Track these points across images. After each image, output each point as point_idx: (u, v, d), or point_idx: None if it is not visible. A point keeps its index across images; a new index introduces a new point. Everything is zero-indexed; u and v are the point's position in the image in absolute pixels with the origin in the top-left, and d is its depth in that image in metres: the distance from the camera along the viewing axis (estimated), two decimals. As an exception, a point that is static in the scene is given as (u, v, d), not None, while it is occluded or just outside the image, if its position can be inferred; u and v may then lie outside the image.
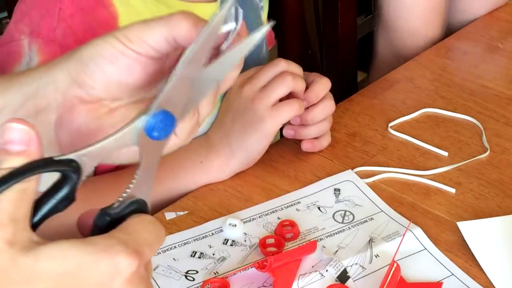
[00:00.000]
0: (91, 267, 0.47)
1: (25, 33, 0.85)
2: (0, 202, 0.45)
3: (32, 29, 0.84)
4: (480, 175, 0.93)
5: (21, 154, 0.47)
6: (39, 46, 0.84)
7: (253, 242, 0.83)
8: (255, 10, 1.04)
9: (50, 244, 0.46)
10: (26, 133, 0.47)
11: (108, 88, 0.57)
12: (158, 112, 0.53)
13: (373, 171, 0.94)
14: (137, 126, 0.53)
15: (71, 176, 0.49)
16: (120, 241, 0.48)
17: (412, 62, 1.18)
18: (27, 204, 0.47)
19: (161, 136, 0.54)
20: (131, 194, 0.52)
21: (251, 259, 0.81)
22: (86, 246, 0.47)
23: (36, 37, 0.84)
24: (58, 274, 0.46)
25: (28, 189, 0.47)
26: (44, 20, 0.84)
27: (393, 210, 0.87)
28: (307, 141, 0.95)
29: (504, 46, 1.21)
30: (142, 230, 0.50)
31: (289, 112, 0.89)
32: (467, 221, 0.85)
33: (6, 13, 1.32)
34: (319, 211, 0.87)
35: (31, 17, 0.85)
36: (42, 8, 0.85)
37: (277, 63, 0.90)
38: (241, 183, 0.92)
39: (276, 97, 0.89)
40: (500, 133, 1.00)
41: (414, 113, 1.04)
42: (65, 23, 0.84)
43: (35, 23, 0.84)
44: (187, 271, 0.79)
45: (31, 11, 0.85)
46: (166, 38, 0.56)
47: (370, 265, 0.80)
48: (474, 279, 0.78)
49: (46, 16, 0.84)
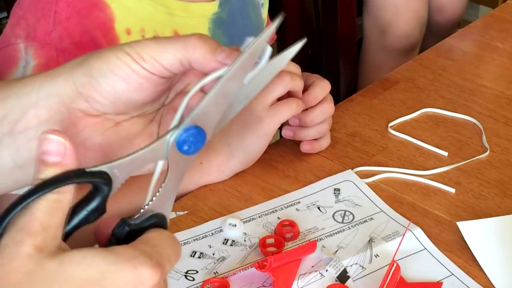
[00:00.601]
0: (115, 276, 0.47)
1: (21, 37, 0.84)
2: (33, 210, 0.47)
3: (28, 32, 0.84)
4: (480, 175, 0.93)
5: (57, 165, 0.48)
6: (35, 49, 0.84)
7: (253, 242, 0.83)
8: (255, 8, 1.04)
9: (75, 251, 0.47)
10: (62, 144, 0.48)
11: (115, 104, 0.57)
12: (190, 126, 0.54)
13: (373, 171, 0.94)
14: (168, 139, 0.54)
15: (102, 188, 0.50)
16: (144, 252, 0.49)
17: (412, 62, 1.18)
18: (60, 214, 0.48)
19: (190, 151, 0.55)
20: (151, 207, 0.53)
21: (251, 259, 0.81)
22: (110, 255, 0.48)
23: (32, 41, 0.84)
24: (82, 280, 0.47)
25: (62, 199, 0.48)
26: (39, 23, 0.84)
27: (393, 210, 0.87)
28: (306, 143, 0.95)
29: (504, 46, 1.21)
30: (164, 244, 0.51)
31: (287, 112, 0.89)
32: (467, 221, 0.85)
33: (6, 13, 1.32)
34: (319, 211, 0.87)
35: (27, 21, 0.85)
36: (37, 12, 0.84)
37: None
38: (241, 183, 0.92)
39: (274, 97, 0.89)
40: (500, 133, 1.01)
41: (414, 113, 1.04)
42: (61, 26, 0.84)
43: (31, 27, 0.84)
44: (187, 271, 0.79)
45: (27, 14, 0.85)
46: (181, 61, 0.56)
47: (370, 265, 0.80)
48: (474, 279, 0.78)
49: (42, 19, 0.84)
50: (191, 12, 0.91)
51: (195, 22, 0.92)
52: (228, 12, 0.95)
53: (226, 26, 0.95)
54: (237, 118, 0.89)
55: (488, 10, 2.61)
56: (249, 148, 0.90)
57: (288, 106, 0.89)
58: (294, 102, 0.89)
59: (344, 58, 1.41)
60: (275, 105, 0.89)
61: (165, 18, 0.89)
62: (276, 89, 0.88)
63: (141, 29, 0.88)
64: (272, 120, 0.89)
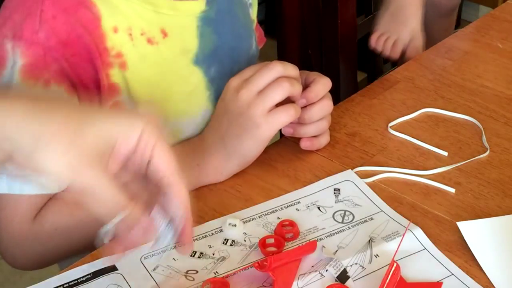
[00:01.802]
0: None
1: (8, 37, 0.84)
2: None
3: (15, 32, 0.84)
4: (480, 175, 0.93)
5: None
6: (22, 49, 0.84)
7: (253, 242, 0.83)
8: (243, 7, 1.04)
9: None
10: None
11: None
12: None
13: (373, 171, 0.94)
14: None
15: None
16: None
17: (412, 62, 1.18)
18: None
19: None
20: None
21: (251, 259, 0.81)
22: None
23: (19, 40, 0.84)
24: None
25: None
26: (26, 23, 0.84)
27: (393, 210, 0.87)
28: (306, 139, 0.95)
29: (504, 46, 1.21)
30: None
31: (285, 118, 0.89)
32: (467, 221, 0.85)
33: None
34: (319, 211, 0.87)
35: (13, 21, 0.85)
36: (24, 11, 0.84)
37: (273, 67, 0.89)
38: (241, 183, 0.92)
39: (273, 103, 0.89)
40: (500, 133, 1.01)
41: (414, 113, 1.05)
42: (48, 25, 0.84)
43: (18, 26, 0.84)
44: (187, 271, 0.79)
45: (13, 15, 0.85)
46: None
47: (370, 265, 0.80)
48: (474, 279, 0.78)
49: (28, 18, 0.84)
50: (178, 10, 0.91)
51: (182, 20, 0.92)
52: (216, 10, 0.95)
53: (214, 24, 0.95)
54: (235, 121, 0.90)
55: (488, 10, 2.61)
56: (245, 152, 0.91)
57: (286, 113, 0.89)
58: (292, 108, 0.89)
59: (344, 58, 1.41)
60: (273, 111, 0.89)
61: (152, 17, 0.89)
62: (275, 95, 0.88)
63: (128, 27, 0.88)
64: (269, 126, 0.89)
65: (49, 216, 0.88)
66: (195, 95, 0.95)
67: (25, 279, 1.90)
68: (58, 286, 0.77)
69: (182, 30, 0.93)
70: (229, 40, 0.98)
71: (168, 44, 0.91)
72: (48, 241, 0.89)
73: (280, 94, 0.88)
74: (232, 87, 0.91)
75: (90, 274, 0.78)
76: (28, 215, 0.88)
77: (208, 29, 0.94)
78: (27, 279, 1.89)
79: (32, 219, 0.88)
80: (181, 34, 0.92)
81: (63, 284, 0.77)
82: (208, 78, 0.96)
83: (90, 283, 0.77)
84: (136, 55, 0.89)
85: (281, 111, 0.89)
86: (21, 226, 0.88)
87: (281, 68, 0.89)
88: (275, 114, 0.89)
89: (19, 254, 0.91)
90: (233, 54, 0.99)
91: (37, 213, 0.88)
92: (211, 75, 0.96)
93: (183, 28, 0.93)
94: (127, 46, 0.88)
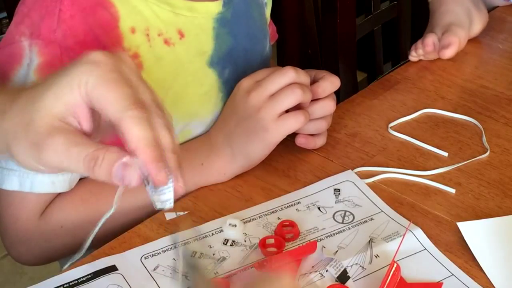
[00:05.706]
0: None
1: (26, 35, 0.84)
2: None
3: (33, 30, 0.84)
4: (480, 176, 0.93)
5: None
6: (39, 47, 0.84)
7: (253, 242, 0.83)
8: (259, 8, 1.03)
9: None
10: None
11: None
12: None
13: (373, 172, 0.94)
14: None
15: None
16: None
17: (412, 62, 1.18)
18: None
19: None
20: None
21: (251, 259, 0.81)
22: None
23: (36, 39, 0.84)
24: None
25: None
26: (44, 22, 0.84)
27: (393, 210, 0.87)
28: (301, 136, 0.94)
29: (504, 46, 1.21)
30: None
31: (294, 124, 0.89)
32: (467, 221, 0.85)
33: (5, 13, 1.32)
34: (319, 211, 0.88)
35: (31, 19, 0.85)
36: (42, 9, 0.85)
37: (286, 72, 0.89)
38: (241, 183, 0.92)
39: (283, 109, 0.89)
40: (500, 134, 1.01)
41: (414, 114, 1.05)
42: (65, 24, 0.84)
43: (35, 25, 0.84)
44: (187, 271, 0.79)
45: (31, 12, 0.85)
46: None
47: (370, 265, 0.80)
48: (474, 279, 0.78)
49: (46, 17, 0.84)
50: (195, 11, 0.91)
51: (199, 22, 0.92)
52: (232, 11, 0.95)
53: (230, 26, 0.95)
54: (243, 123, 0.90)
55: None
56: (251, 154, 0.90)
57: (296, 119, 0.89)
58: (302, 115, 0.89)
59: (344, 58, 1.41)
60: (283, 117, 0.89)
61: (170, 17, 0.89)
62: (287, 101, 0.88)
63: (145, 27, 0.88)
64: (278, 131, 0.89)
65: (55, 214, 0.88)
66: (208, 97, 0.95)
67: (25, 279, 1.90)
68: (58, 286, 0.77)
69: (198, 31, 0.92)
70: (244, 42, 0.98)
71: (184, 45, 0.91)
72: (54, 239, 0.90)
73: (292, 100, 0.88)
74: (242, 88, 0.91)
75: (90, 274, 0.78)
76: (35, 213, 0.88)
77: (223, 30, 0.94)
78: (27, 279, 1.89)
79: (38, 216, 0.88)
80: (197, 35, 0.92)
81: (63, 284, 0.77)
82: (222, 80, 0.95)
83: (90, 283, 0.77)
84: (152, 56, 0.89)
85: (291, 117, 0.89)
86: (28, 223, 0.88)
87: (294, 74, 0.89)
88: (285, 119, 0.89)
89: (25, 251, 0.91)
90: (248, 56, 0.98)
91: (43, 210, 0.88)
92: (225, 77, 0.95)
93: (200, 29, 0.92)
94: (144, 47, 0.88)
